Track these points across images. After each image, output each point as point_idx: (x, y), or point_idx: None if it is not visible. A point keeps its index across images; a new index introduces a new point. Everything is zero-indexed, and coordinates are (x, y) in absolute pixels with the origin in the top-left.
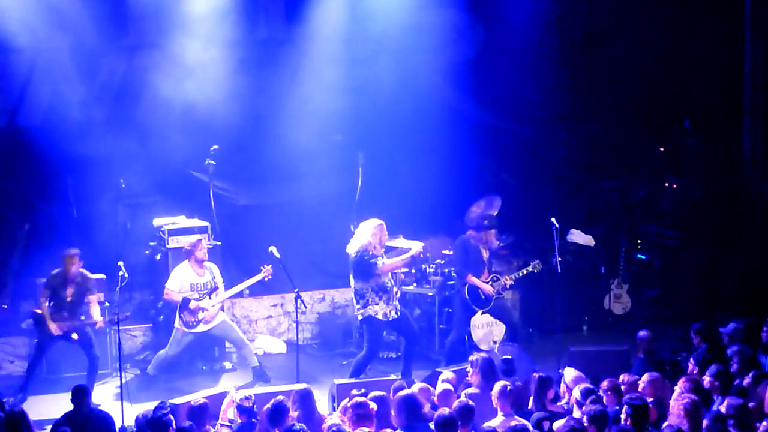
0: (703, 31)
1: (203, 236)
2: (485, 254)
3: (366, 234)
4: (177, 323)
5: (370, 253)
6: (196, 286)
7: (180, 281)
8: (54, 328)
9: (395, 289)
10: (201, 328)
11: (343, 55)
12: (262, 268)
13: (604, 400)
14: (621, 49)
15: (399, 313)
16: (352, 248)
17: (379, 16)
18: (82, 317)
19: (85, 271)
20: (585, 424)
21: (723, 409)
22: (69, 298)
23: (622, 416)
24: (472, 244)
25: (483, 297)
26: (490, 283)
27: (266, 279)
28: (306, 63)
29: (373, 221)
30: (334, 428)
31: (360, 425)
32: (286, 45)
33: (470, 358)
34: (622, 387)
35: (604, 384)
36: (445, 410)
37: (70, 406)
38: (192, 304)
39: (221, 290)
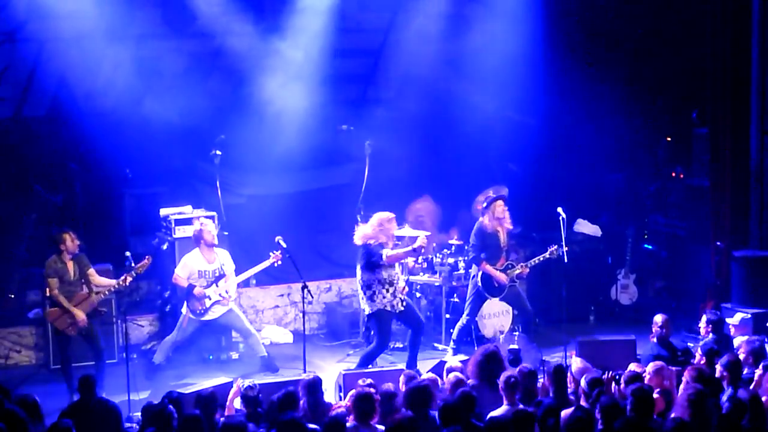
0: (711, 22)
1: (207, 220)
2: (503, 239)
3: (373, 225)
4: (184, 310)
5: (376, 243)
6: (204, 273)
7: (188, 268)
8: (81, 316)
9: (402, 282)
10: (209, 316)
11: (349, 46)
12: (271, 254)
13: (614, 390)
14: (628, 40)
15: (405, 305)
16: (357, 239)
17: (386, 6)
18: (101, 293)
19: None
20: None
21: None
22: (74, 277)
23: (627, 407)
24: (489, 231)
25: (496, 285)
26: (504, 271)
27: (276, 264)
28: (312, 53)
29: (382, 214)
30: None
31: (364, 418)
32: (292, 35)
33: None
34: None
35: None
36: (448, 399)
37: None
38: (196, 291)
39: (231, 277)
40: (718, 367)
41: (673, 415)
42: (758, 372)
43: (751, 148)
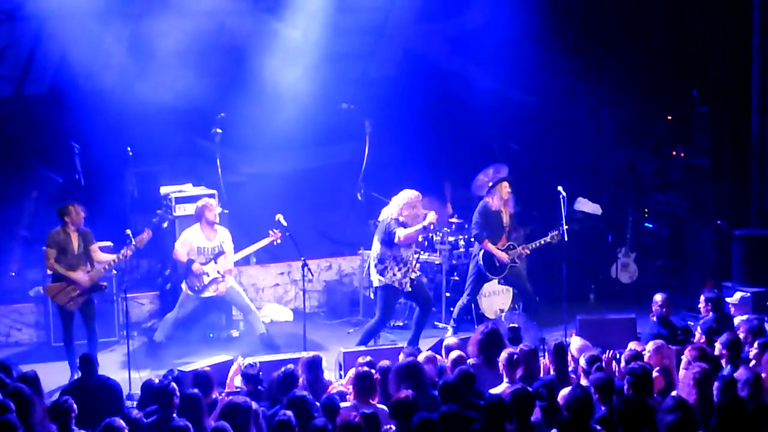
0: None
1: (212, 199)
2: (506, 219)
3: (398, 202)
4: (184, 286)
5: (395, 221)
6: (203, 250)
7: (188, 244)
8: (84, 278)
9: (415, 263)
10: (207, 293)
11: (349, 24)
12: (270, 232)
13: (614, 368)
14: (628, 18)
15: (416, 284)
16: (383, 214)
17: None
18: (104, 266)
19: None
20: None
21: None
22: (77, 250)
23: (624, 385)
24: (493, 210)
25: (497, 264)
26: (505, 251)
27: (275, 243)
28: (312, 31)
29: (410, 192)
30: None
31: (364, 396)
32: (292, 13)
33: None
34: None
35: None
36: (448, 377)
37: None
38: (195, 267)
39: (229, 255)
40: (718, 346)
41: (674, 393)
42: (753, 351)
43: (752, 127)
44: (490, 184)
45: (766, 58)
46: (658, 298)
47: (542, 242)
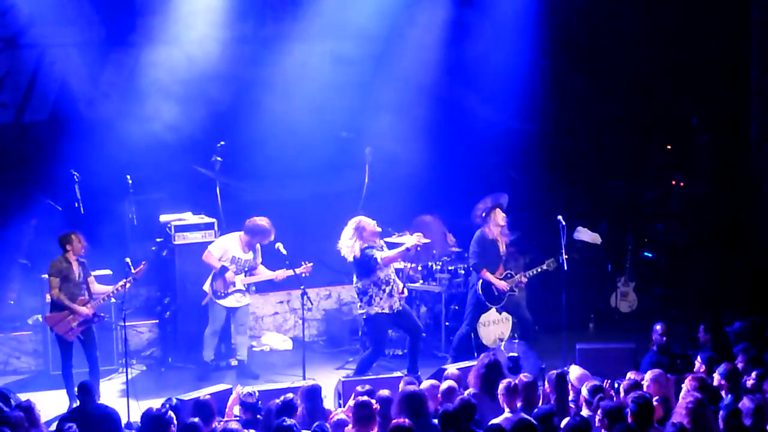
0: (711, 29)
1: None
2: (502, 248)
3: (354, 234)
4: (207, 289)
5: (367, 248)
6: (237, 260)
7: (224, 249)
8: (85, 311)
9: (400, 284)
10: (229, 302)
11: (350, 52)
12: (303, 263)
13: (614, 399)
14: (628, 48)
15: (402, 307)
16: (347, 254)
17: (386, 14)
18: (102, 298)
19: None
20: (600, 420)
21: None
22: (78, 278)
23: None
24: (490, 239)
25: (496, 293)
26: (503, 279)
27: (303, 275)
28: (313, 59)
29: (354, 219)
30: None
31: (363, 425)
32: (293, 41)
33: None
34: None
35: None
36: (448, 406)
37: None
38: (228, 275)
39: (260, 270)
40: (716, 376)
41: (673, 421)
42: (750, 381)
43: (751, 156)
44: (483, 214)
45: (764, 89)
46: (657, 327)
47: (539, 270)
